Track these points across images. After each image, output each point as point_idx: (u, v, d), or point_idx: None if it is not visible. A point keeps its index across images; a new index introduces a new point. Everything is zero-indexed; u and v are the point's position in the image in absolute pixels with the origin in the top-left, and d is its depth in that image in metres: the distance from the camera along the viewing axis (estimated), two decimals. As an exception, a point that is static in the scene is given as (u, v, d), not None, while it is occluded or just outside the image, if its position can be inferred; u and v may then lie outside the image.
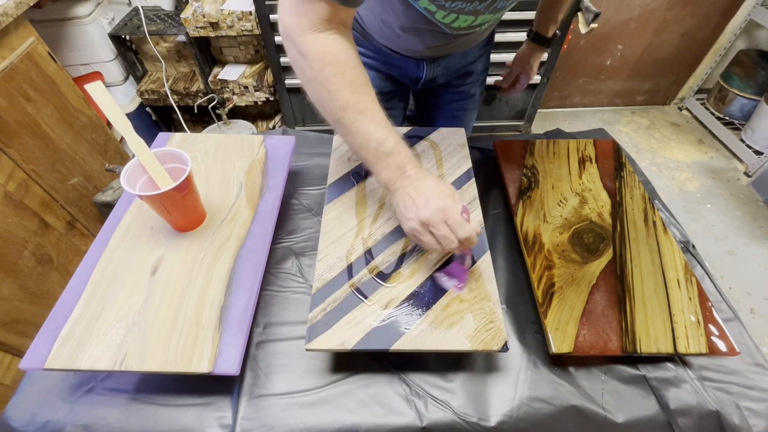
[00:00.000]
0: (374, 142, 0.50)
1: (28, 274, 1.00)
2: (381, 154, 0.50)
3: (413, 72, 0.80)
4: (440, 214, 0.48)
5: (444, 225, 0.48)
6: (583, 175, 0.74)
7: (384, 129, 0.50)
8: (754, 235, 1.62)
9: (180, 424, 0.49)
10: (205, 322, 0.49)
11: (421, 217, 0.48)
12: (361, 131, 0.50)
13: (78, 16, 1.40)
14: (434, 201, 0.48)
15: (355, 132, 0.50)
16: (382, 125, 0.50)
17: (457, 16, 0.60)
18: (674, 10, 1.84)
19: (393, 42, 0.72)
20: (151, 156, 0.54)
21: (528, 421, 0.51)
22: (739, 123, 1.99)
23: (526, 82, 0.92)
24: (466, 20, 0.61)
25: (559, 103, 2.23)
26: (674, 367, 0.55)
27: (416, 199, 0.49)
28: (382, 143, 0.50)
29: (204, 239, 0.58)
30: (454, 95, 0.90)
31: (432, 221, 0.48)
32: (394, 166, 0.50)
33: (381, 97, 0.84)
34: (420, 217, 0.48)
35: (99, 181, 1.27)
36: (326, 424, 0.49)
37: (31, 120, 1.03)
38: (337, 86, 0.49)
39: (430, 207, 0.48)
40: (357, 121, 0.50)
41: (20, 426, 0.49)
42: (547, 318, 0.54)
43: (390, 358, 0.54)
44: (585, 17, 1.34)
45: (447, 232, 0.48)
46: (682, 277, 0.59)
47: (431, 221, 0.48)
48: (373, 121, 0.50)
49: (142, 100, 1.68)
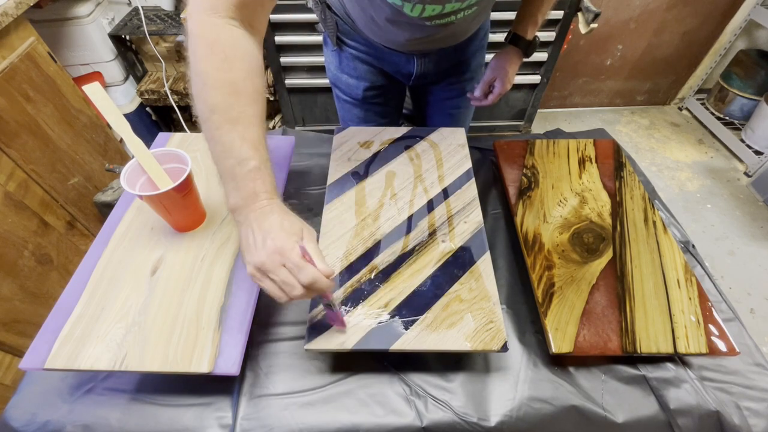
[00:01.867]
0: (233, 158, 0.43)
1: (28, 274, 1.00)
2: (236, 175, 0.43)
3: (404, 67, 0.79)
4: (276, 256, 0.41)
5: (282, 269, 0.41)
6: (583, 175, 0.74)
7: (250, 148, 0.43)
8: (754, 235, 1.62)
9: (180, 424, 0.49)
10: (205, 322, 0.49)
11: (255, 261, 0.41)
12: (224, 141, 0.43)
13: (78, 16, 1.40)
14: (271, 241, 0.41)
15: (217, 140, 0.43)
16: (250, 143, 0.43)
17: (423, 7, 0.58)
18: (674, 10, 1.84)
19: (380, 36, 0.71)
20: (149, 156, 0.54)
21: (528, 421, 0.51)
22: (739, 123, 1.99)
23: (499, 91, 0.81)
24: (434, 9, 0.58)
25: (559, 103, 2.23)
26: (674, 367, 0.55)
27: (255, 238, 0.42)
28: (241, 162, 0.43)
29: (204, 239, 0.58)
30: (447, 93, 0.89)
31: (267, 266, 0.41)
32: (245, 192, 0.43)
33: (374, 92, 0.85)
34: (255, 261, 0.41)
35: (99, 181, 1.27)
36: (326, 424, 0.49)
37: (31, 120, 1.03)
38: (214, 82, 0.43)
39: (266, 248, 0.41)
40: (222, 129, 0.43)
41: (20, 426, 0.49)
42: (547, 318, 0.54)
43: (390, 358, 0.54)
44: (585, 17, 1.34)
45: (287, 277, 0.41)
46: (682, 277, 0.59)
47: (266, 266, 0.41)
48: (242, 137, 0.43)
49: (142, 100, 1.68)
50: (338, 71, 0.85)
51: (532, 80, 1.63)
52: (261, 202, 0.43)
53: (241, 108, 0.44)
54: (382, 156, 0.73)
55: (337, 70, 0.85)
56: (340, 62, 0.83)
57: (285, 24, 1.41)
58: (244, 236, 0.43)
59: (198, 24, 0.44)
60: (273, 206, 0.44)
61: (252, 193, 0.43)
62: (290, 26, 1.43)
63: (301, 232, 0.44)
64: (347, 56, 0.81)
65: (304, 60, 1.52)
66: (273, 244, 0.41)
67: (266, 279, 0.42)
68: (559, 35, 1.49)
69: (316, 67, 1.54)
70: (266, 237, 0.41)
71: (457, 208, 0.64)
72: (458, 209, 0.64)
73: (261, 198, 0.43)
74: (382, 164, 0.71)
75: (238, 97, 0.44)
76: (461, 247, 0.59)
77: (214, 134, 0.43)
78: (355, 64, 0.81)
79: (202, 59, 0.43)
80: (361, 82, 0.83)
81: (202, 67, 0.43)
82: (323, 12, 0.75)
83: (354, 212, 0.63)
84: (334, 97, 0.94)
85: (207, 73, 0.43)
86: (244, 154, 0.43)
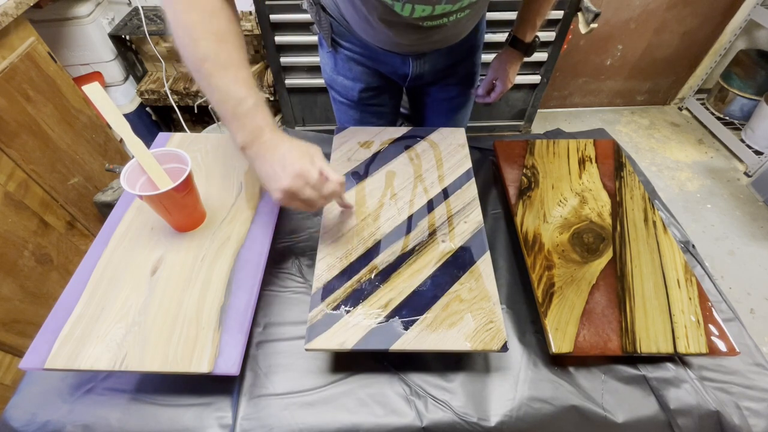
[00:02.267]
0: (233, 100, 0.47)
1: (28, 274, 1.00)
2: (238, 114, 0.48)
3: (400, 68, 0.79)
4: (300, 179, 0.47)
5: (307, 188, 0.48)
6: (583, 175, 0.74)
7: (245, 88, 0.48)
8: (754, 235, 1.62)
9: (180, 424, 0.49)
10: (205, 322, 0.49)
11: (283, 186, 0.47)
12: (220, 86, 0.47)
13: (78, 16, 1.40)
14: (290, 166, 0.47)
15: (214, 86, 0.48)
16: (244, 83, 0.48)
17: (413, 7, 0.58)
18: (674, 10, 1.84)
19: (374, 37, 0.71)
20: (149, 156, 0.54)
21: (528, 421, 0.51)
22: (739, 123, 1.99)
23: (501, 91, 0.86)
24: (424, 10, 0.59)
25: (559, 103, 2.23)
26: (674, 367, 0.55)
27: (275, 168, 0.48)
28: (240, 102, 0.47)
29: (204, 239, 0.58)
30: (444, 94, 0.89)
31: (294, 188, 0.47)
32: (250, 128, 0.48)
33: (370, 93, 0.85)
34: (282, 186, 0.47)
35: (99, 181, 1.27)
36: (326, 424, 0.49)
37: (31, 120, 1.03)
38: (200, 33, 0.46)
39: (288, 174, 0.47)
40: (216, 75, 0.47)
41: (20, 426, 0.49)
42: (547, 318, 0.54)
43: (390, 358, 0.54)
44: (585, 17, 1.34)
45: (311, 193, 0.48)
46: (682, 277, 0.59)
47: (293, 189, 0.47)
48: (235, 78, 0.47)
49: (142, 100, 1.68)
50: (334, 73, 0.84)
51: (532, 80, 1.63)
52: (267, 135, 0.49)
53: (228, 53, 0.47)
54: (382, 156, 0.73)
55: (333, 72, 0.84)
56: (335, 64, 0.83)
57: (285, 24, 1.41)
58: (261, 169, 0.49)
59: None
60: (280, 136, 0.49)
61: (257, 127, 0.48)
62: (290, 26, 1.43)
63: (310, 152, 0.50)
64: (342, 57, 0.81)
65: (304, 60, 1.52)
66: (293, 169, 0.47)
67: (294, 200, 0.48)
68: (559, 35, 1.49)
69: (316, 67, 1.54)
70: (285, 164, 0.47)
71: (457, 208, 0.64)
72: (458, 209, 0.64)
73: (265, 131, 0.48)
74: (382, 164, 0.71)
75: (225, 44, 0.47)
76: (461, 247, 0.59)
77: (210, 81, 0.47)
78: (350, 66, 0.81)
79: (184, 12, 0.46)
80: (356, 83, 0.83)
81: (186, 21, 0.46)
82: (318, 13, 0.74)
83: (354, 212, 0.63)
84: (331, 98, 0.94)
85: (192, 25, 0.46)
86: (241, 94, 0.47)
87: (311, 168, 0.48)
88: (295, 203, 0.49)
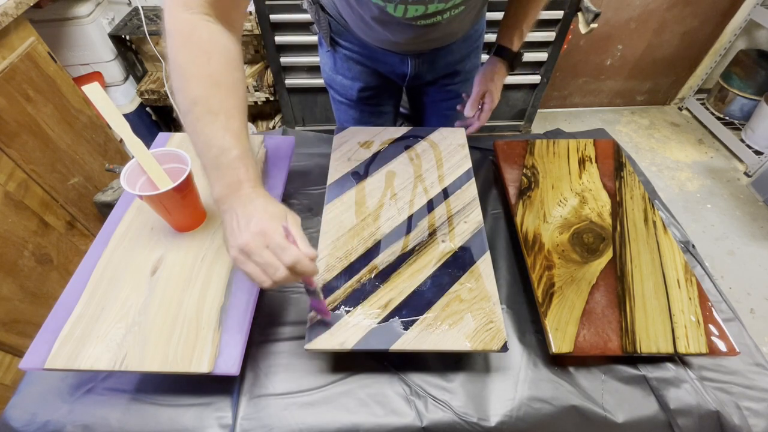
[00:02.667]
0: (215, 149, 0.43)
1: (28, 274, 1.00)
2: (218, 164, 0.43)
3: (399, 67, 0.79)
4: (260, 238, 0.41)
5: (266, 251, 0.41)
6: (583, 175, 0.74)
7: (232, 138, 0.44)
8: (754, 235, 1.62)
9: (180, 424, 0.49)
10: (205, 322, 0.49)
11: (239, 243, 0.41)
12: (205, 133, 0.43)
13: (78, 16, 1.40)
14: (255, 223, 0.41)
15: (199, 132, 0.44)
16: (232, 133, 0.44)
17: (406, 7, 0.58)
18: (674, 10, 1.84)
19: (371, 36, 0.71)
20: (149, 156, 0.54)
21: (528, 421, 0.51)
22: (739, 123, 1.99)
23: (489, 109, 0.78)
24: (417, 10, 0.58)
25: (559, 103, 2.23)
26: (674, 367, 0.55)
27: (240, 221, 0.42)
28: (223, 152, 0.43)
29: (204, 239, 0.58)
30: (443, 94, 0.89)
31: (251, 247, 0.40)
32: (228, 181, 0.43)
33: (369, 92, 0.85)
34: (238, 243, 0.41)
35: (99, 181, 1.27)
36: (326, 424, 0.49)
37: (31, 120, 1.03)
38: (193, 75, 0.44)
39: (250, 230, 0.41)
40: (204, 121, 0.43)
41: (20, 426, 0.49)
42: (547, 318, 0.54)
43: (390, 358, 0.54)
44: (585, 17, 1.34)
45: (270, 258, 0.41)
46: (682, 277, 0.59)
47: (250, 247, 0.41)
48: (224, 126, 0.44)
49: (142, 100, 1.68)
50: (333, 72, 0.84)
51: (532, 80, 1.63)
52: (245, 190, 0.44)
53: (221, 99, 0.44)
54: (382, 156, 0.73)
55: (332, 71, 0.84)
56: (334, 63, 0.83)
57: (285, 24, 1.41)
58: (228, 222, 0.43)
59: (173, 19, 0.44)
60: (257, 193, 0.44)
61: (236, 180, 0.44)
62: (290, 26, 1.43)
63: (285, 217, 0.44)
64: (341, 57, 0.80)
65: (304, 60, 1.52)
66: (257, 226, 0.41)
67: (249, 262, 0.41)
68: (559, 35, 1.49)
69: (316, 67, 1.54)
70: (250, 220, 0.42)
71: (457, 208, 0.64)
72: (458, 209, 0.64)
73: (245, 186, 0.44)
74: (382, 164, 0.71)
75: (218, 88, 0.44)
76: (461, 247, 0.59)
77: (196, 126, 0.44)
78: (349, 65, 0.81)
79: (179, 52, 0.44)
80: (355, 82, 0.83)
81: (180, 61, 0.44)
82: (317, 13, 0.74)
83: (354, 212, 0.63)
84: (330, 98, 0.94)
85: (186, 66, 0.44)
86: (226, 144, 0.43)
87: (277, 227, 0.42)
88: (249, 267, 0.41)
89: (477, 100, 0.78)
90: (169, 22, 0.44)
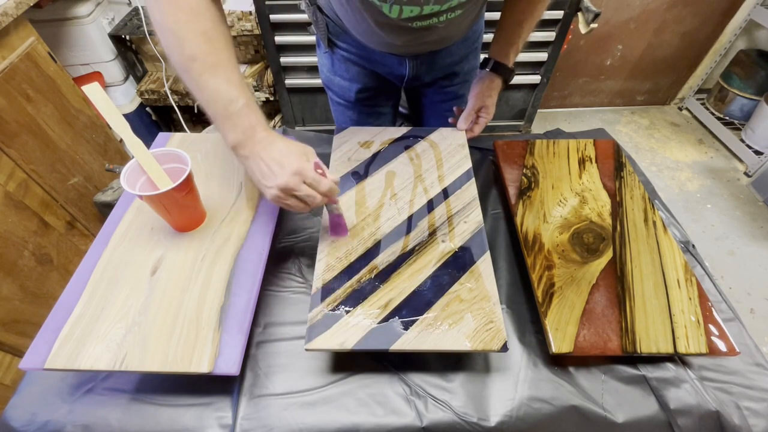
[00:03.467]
0: (223, 100, 0.47)
1: (28, 274, 1.00)
2: (230, 114, 0.48)
3: (396, 69, 0.79)
4: (297, 177, 0.48)
5: (304, 186, 0.48)
6: (583, 175, 0.74)
7: (236, 88, 0.48)
8: (754, 235, 1.62)
9: (180, 424, 0.49)
10: (205, 322, 0.49)
11: (279, 183, 0.47)
12: (210, 86, 0.47)
13: (78, 16, 1.40)
14: (288, 164, 0.47)
15: (203, 86, 0.47)
16: (234, 83, 0.48)
17: (401, 8, 0.58)
18: (674, 10, 1.84)
19: (368, 37, 0.71)
20: (149, 156, 0.54)
21: (528, 421, 0.51)
22: (739, 123, 1.99)
23: (485, 121, 0.78)
24: (411, 11, 0.58)
25: (559, 103, 2.23)
26: (674, 367, 0.55)
27: (271, 166, 0.48)
28: (231, 102, 0.47)
29: (204, 239, 0.58)
30: (441, 96, 0.88)
31: (291, 185, 0.48)
32: (242, 128, 0.48)
33: (367, 93, 0.85)
34: (279, 184, 0.47)
35: (99, 181, 1.27)
36: (326, 424, 0.49)
37: (31, 120, 1.03)
38: (187, 33, 0.46)
39: (286, 171, 0.47)
40: (206, 75, 0.47)
41: (20, 426, 0.49)
42: (547, 318, 0.54)
43: (390, 358, 0.54)
44: (585, 17, 1.34)
45: (308, 191, 0.48)
46: (682, 277, 0.59)
47: (291, 185, 0.48)
48: (225, 78, 0.47)
49: (142, 100, 1.68)
50: (331, 73, 0.84)
51: (532, 80, 1.63)
52: (260, 134, 0.49)
53: (217, 53, 0.47)
54: (382, 156, 0.73)
55: (330, 72, 0.84)
56: (332, 64, 0.82)
57: (285, 24, 1.41)
58: (256, 167, 0.49)
59: None
60: (273, 135, 0.49)
61: (249, 126, 0.48)
62: (290, 26, 1.43)
63: (305, 152, 0.50)
64: (339, 58, 0.80)
65: (304, 60, 1.52)
66: (291, 167, 0.47)
67: (290, 197, 0.49)
68: (559, 35, 1.49)
69: (316, 68, 1.52)
70: (282, 162, 0.47)
71: (457, 208, 0.64)
72: (458, 209, 0.64)
73: (258, 130, 0.48)
74: (382, 164, 0.71)
75: (212, 43, 0.47)
76: (461, 247, 0.59)
77: (199, 81, 0.47)
78: (347, 66, 0.81)
79: (169, 13, 0.46)
80: (353, 84, 0.83)
81: (172, 21, 0.46)
82: (314, 13, 0.74)
83: (354, 212, 0.63)
84: (329, 99, 0.93)
85: (178, 26, 0.46)
86: (232, 95, 0.47)
87: (308, 165, 0.49)
88: (291, 201, 0.49)
89: (471, 114, 0.78)
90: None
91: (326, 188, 0.49)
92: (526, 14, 0.71)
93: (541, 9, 0.71)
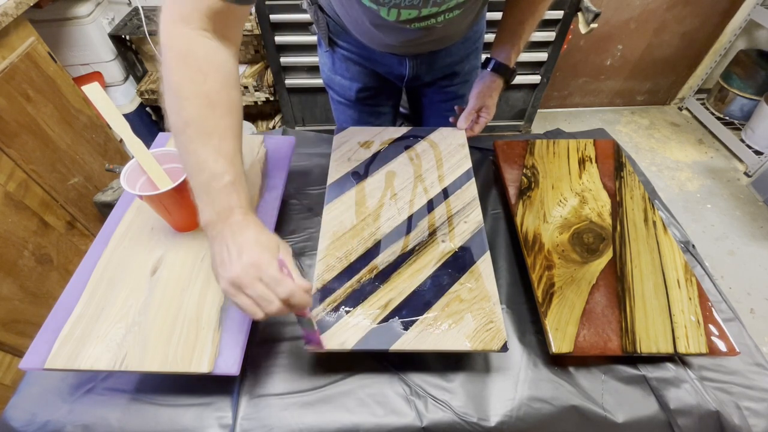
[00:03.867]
0: (207, 173, 0.41)
1: (28, 274, 1.00)
2: (209, 190, 0.42)
3: (397, 69, 0.79)
4: (252, 270, 0.39)
5: (259, 283, 0.39)
6: (583, 175, 0.74)
7: (225, 162, 0.42)
8: (754, 235, 1.62)
9: (180, 424, 0.49)
10: (205, 322, 0.49)
11: (230, 275, 0.39)
12: (198, 155, 0.42)
13: (78, 16, 1.40)
14: (247, 255, 0.40)
15: (191, 153, 0.42)
16: (225, 156, 0.42)
17: (399, 11, 0.57)
18: (674, 10, 1.84)
19: (368, 38, 0.71)
20: (149, 156, 0.54)
21: (528, 421, 0.51)
22: (739, 123, 1.99)
23: (486, 121, 0.78)
24: (410, 13, 0.58)
25: (559, 103, 2.23)
26: (674, 367, 0.55)
27: (231, 252, 0.40)
28: (215, 177, 0.41)
29: (204, 239, 0.58)
30: (441, 96, 0.88)
31: (243, 279, 0.39)
32: (219, 207, 0.42)
33: (367, 93, 0.85)
34: (230, 275, 0.39)
35: (99, 181, 1.27)
36: (326, 424, 0.49)
37: (31, 120, 1.03)
38: (189, 95, 0.42)
39: (242, 262, 0.39)
40: (196, 142, 0.42)
41: (20, 426, 0.49)
42: (547, 318, 0.54)
43: (390, 358, 0.54)
44: (585, 17, 1.34)
45: (264, 291, 0.39)
46: (682, 277, 0.59)
47: (242, 279, 0.39)
48: (216, 149, 0.42)
49: (142, 100, 1.68)
50: (331, 72, 0.84)
51: (532, 80, 1.63)
52: (236, 217, 0.42)
53: (215, 120, 0.42)
54: (382, 156, 0.73)
55: (331, 71, 0.84)
56: (333, 63, 0.83)
57: (285, 24, 1.41)
58: (217, 251, 0.41)
59: (169, 35, 0.42)
60: (248, 221, 0.42)
61: (227, 207, 0.42)
62: (290, 26, 1.43)
63: (277, 248, 0.42)
64: (339, 57, 0.80)
65: (304, 60, 1.52)
66: (249, 258, 0.39)
67: (241, 294, 0.40)
68: (559, 35, 1.49)
69: (316, 67, 1.54)
70: (242, 251, 0.40)
71: (457, 208, 0.64)
72: (458, 209, 0.64)
73: (236, 213, 0.42)
74: (382, 164, 0.71)
75: (213, 109, 0.42)
76: (461, 247, 0.59)
77: (188, 147, 0.42)
78: (347, 65, 0.81)
79: (174, 71, 0.42)
80: (354, 83, 0.83)
81: (175, 79, 0.42)
82: (316, 13, 0.74)
83: (354, 212, 0.63)
84: (330, 98, 0.93)
85: (180, 85, 0.42)
86: (219, 169, 0.42)
87: (271, 260, 0.40)
88: (241, 299, 0.40)
89: (472, 114, 0.78)
90: (164, 37, 0.42)
91: (286, 293, 0.39)
92: (527, 14, 0.71)
93: (542, 9, 0.71)
